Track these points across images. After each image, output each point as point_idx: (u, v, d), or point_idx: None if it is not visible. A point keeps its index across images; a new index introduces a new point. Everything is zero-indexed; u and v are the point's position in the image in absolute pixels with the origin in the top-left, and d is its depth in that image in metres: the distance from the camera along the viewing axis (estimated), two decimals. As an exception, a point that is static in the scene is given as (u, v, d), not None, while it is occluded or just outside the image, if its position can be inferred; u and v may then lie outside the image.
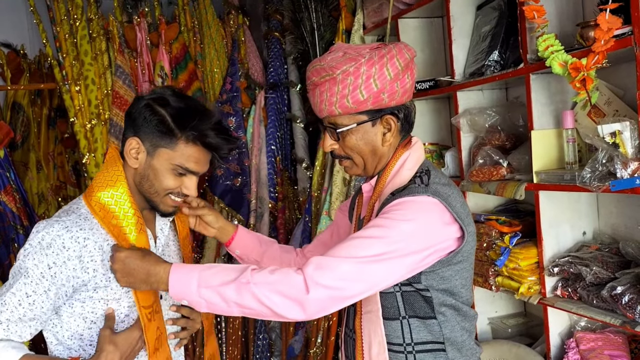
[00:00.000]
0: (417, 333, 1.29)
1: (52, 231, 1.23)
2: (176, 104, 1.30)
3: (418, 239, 1.21)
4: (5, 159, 2.48)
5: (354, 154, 1.34)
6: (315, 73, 1.32)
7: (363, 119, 1.31)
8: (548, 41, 1.68)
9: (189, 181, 1.33)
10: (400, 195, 1.25)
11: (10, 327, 1.22)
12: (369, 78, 1.27)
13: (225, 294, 1.17)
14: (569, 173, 1.71)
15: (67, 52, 3.04)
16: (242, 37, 3.38)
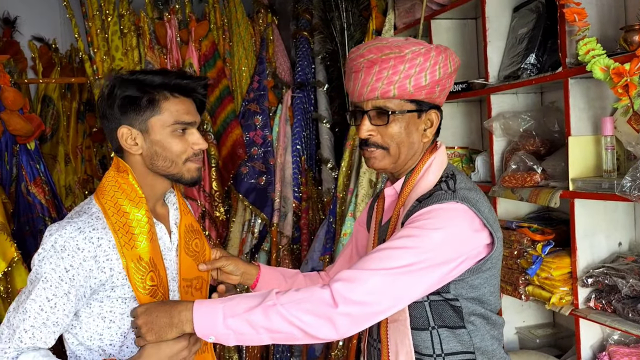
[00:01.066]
0: (447, 343, 1.24)
1: (65, 233, 1.22)
2: (134, 76, 1.31)
3: (449, 247, 1.18)
4: (35, 151, 2.51)
5: (392, 144, 1.28)
6: (375, 50, 1.25)
7: (412, 107, 1.27)
8: (589, 45, 1.64)
9: (193, 136, 1.32)
10: (427, 203, 1.21)
11: (36, 334, 1.22)
12: (435, 64, 1.25)
13: (253, 321, 1.13)
14: (607, 181, 1.66)
15: (98, 47, 3.07)
16: (271, 36, 3.38)
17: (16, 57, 3.79)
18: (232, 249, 3.20)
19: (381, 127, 1.28)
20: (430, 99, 1.28)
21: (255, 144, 3.23)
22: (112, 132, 1.32)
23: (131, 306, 1.27)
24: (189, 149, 1.32)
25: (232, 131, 3.20)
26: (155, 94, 1.29)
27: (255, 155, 3.22)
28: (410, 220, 1.21)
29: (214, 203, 3.17)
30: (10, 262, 2.11)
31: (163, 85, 1.29)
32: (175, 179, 1.34)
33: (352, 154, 2.85)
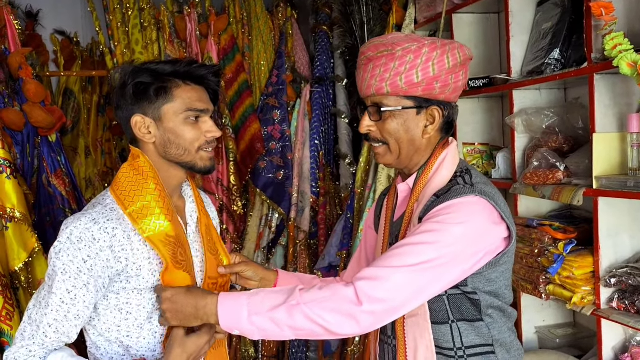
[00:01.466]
0: (467, 337, 1.25)
1: (80, 225, 1.23)
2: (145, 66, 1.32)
3: (470, 241, 1.18)
4: (57, 143, 2.53)
5: (391, 140, 1.29)
6: (372, 48, 1.27)
7: (409, 104, 1.27)
8: (616, 40, 1.60)
9: (206, 124, 1.33)
10: (446, 198, 1.21)
11: (59, 328, 1.23)
12: (428, 60, 1.23)
13: (277, 318, 1.14)
14: (632, 180, 1.62)
15: (118, 40, 3.09)
16: (290, 30, 3.37)
17: (38, 50, 3.83)
18: (249, 243, 3.21)
19: (379, 123, 1.29)
20: (429, 95, 1.26)
21: (274, 139, 3.23)
22: (126, 121, 1.33)
23: (147, 298, 1.28)
24: (202, 137, 1.32)
25: (250, 125, 3.20)
26: (167, 82, 1.30)
27: (274, 149, 3.22)
28: (430, 215, 1.20)
29: (231, 197, 3.18)
30: (31, 253, 2.14)
31: (174, 73, 1.30)
32: (188, 167, 1.35)
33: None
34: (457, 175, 1.27)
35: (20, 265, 2.11)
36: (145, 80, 1.29)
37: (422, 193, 1.28)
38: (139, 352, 1.30)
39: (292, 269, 3.22)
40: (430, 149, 1.32)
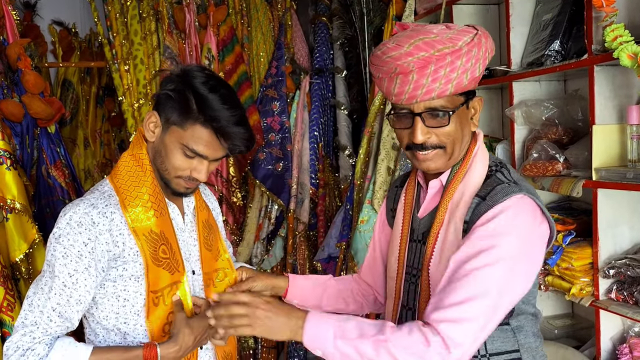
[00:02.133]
0: (492, 343, 1.19)
1: (79, 210, 1.25)
2: (197, 82, 1.27)
3: (533, 247, 1.14)
4: (56, 134, 2.53)
5: (449, 142, 1.19)
6: (424, 47, 1.12)
7: (462, 100, 1.19)
8: (617, 31, 1.60)
9: (200, 165, 1.30)
10: (494, 200, 1.13)
11: (62, 312, 1.23)
12: (486, 51, 1.17)
13: (362, 349, 1.09)
14: (632, 171, 1.63)
15: (117, 31, 3.07)
16: (289, 21, 3.35)
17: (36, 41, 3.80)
18: (248, 234, 3.21)
19: (438, 128, 1.18)
20: (473, 86, 1.20)
21: (273, 130, 3.22)
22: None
23: (143, 284, 1.28)
24: (187, 171, 1.31)
25: (249, 117, 3.19)
26: (191, 111, 1.26)
27: (273, 141, 3.22)
28: (481, 223, 1.12)
29: (231, 189, 3.18)
30: (31, 244, 2.14)
31: (206, 112, 1.25)
32: (164, 182, 1.35)
33: (370, 141, 2.83)
34: (496, 170, 1.21)
35: (21, 256, 2.11)
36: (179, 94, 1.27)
37: (459, 190, 1.21)
38: (135, 338, 1.31)
39: (292, 260, 3.23)
40: (468, 144, 1.25)
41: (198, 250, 1.42)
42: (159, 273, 1.30)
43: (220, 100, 1.26)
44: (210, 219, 1.51)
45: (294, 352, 3.18)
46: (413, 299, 1.28)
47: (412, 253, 1.30)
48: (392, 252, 1.37)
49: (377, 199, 2.64)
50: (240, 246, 3.18)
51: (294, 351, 3.18)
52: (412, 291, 1.29)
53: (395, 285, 1.34)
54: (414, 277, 1.28)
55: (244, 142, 1.31)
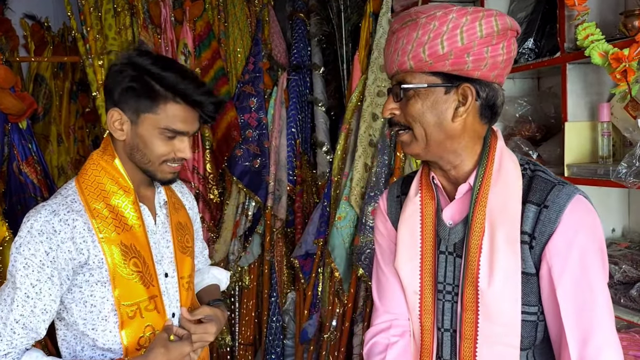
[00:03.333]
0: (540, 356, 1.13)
1: (40, 218, 1.21)
2: (149, 64, 1.25)
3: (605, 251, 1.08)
4: (27, 130, 2.48)
5: (415, 124, 1.09)
6: (398, 20, 1.10)
7: (436, 81, 1.08)
8: (588, 30, 1.63)
9: (181, 143, 1.28)
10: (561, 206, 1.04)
11: (26, 323, 1.20)
12: (455, 28, 1.03)
13: None
14: (602, 167, 1.66)
15: (91, 25, 3.02)
16: (267, 17, 3.33)
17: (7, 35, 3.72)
18: (225, 231, 3.19)
19: (402, 104, 1.11)
20: (460, 71, 1.06)
21: (250, 127, 3.21)
22: (107, 108, 1.30)
23: (110, 290, 1.25)
24: (171, 154, 1.28)
25: (226, 113, 3.17)
26: (158, 93, 1.24)
27: (250, 137, 3.20)
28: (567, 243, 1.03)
29: (207, 185, 3.16)
30: (1, 242, 2.10)
31: (170, 86, 1.24)
32: (148, 175, 1.32)
33: (348, 137, 2.84)
34: (531, 170, 1.11)
35: (-9, 254, 2.07)
36: (138, 82, 1.24)
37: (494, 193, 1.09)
38: (105, 345, 1.28)
39: (269, 257, 3.22)
40: (474, 139, 1.12)
41: (172, 251, 1.39)
42: (131, 287, 1.26)
43: (179, 75, 1.25)
44: (184, 219, 1.48)
45: (271, 349, 3.18)
46: (450, 320, 1.15)
47: (442, 266, 1.16)
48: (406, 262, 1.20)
49: (354, 196, 2.64)
50: (217, 243, 3.16)
51: (270, 348, 3.18)
52: (449, 310, 1.15)
53: (420, 302, 1.18)
54: (449, 294, 1.15)
55: (214, 107, 1.30)
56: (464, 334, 1.10)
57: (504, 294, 1.05)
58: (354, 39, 2.99)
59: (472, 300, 1.09)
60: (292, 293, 3.19)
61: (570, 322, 1.01)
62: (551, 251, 1.04)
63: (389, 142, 2.55)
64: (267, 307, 3.21)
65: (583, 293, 1.01)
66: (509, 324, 1.06)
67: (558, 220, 1.03)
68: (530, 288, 1.07)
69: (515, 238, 1.05)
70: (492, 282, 1.06)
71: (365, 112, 2.66)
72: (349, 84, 2.92)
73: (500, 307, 1.06)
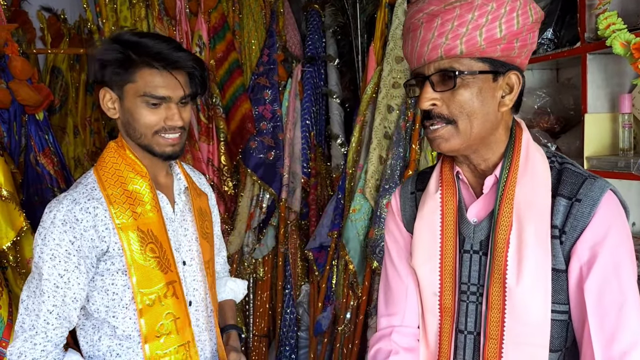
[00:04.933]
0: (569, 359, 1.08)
1: (62, 208, 1.22)
2: (123, 37, 1.27)
3: None
4: (44, 122, 2.50)
5: (461, 116, 1.01)
6: (436, 2, 1.00)
7: (485, 67, 1.00)
8: (610, 19, 1.59)
9: (169, 111, 1.27)
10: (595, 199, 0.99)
11: (60, 313, 1.22)
12: (512, 11, 0.98)
13: None
14: (623, 160, 1.63)
15: (106, 17, 3.03)
16: (281, 9, 3.32)
17: (24, 27, 3.75)
18: (240, 223, 3.20)
19: (446, 94, 1.01)
20: (507, 57, 1.01)
21: (265, 119, 3.20)
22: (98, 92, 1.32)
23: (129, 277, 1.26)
24: (160, 123, 1.27)
25: (241, 105, 3.17)
26: (133, 60, 1.25)
27: (264, 129, 3.20)
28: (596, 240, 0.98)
29: (222, 177, 3.17)
30: (19, 232, 2.12)
31: (145, 52, 1.24)
32: (147, 151, 1.31)
33: (362, 130, 2.82)
34: (559, 162, 1.07)
35: (8, 244, 2.09)
36: (113, 54, 1.25)
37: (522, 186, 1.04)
38: (124, 332, 1.29)
39: (283, 249, 3.22)
40: (505, 130, 1.08)
41: (190, 239, 1.40)
42: (149, 273, 1.27)
43: (152, 39, 1.26)
44: (205, 205, 1.49)
45: (285, 341, 3.19)
46: (474, 321, 1.10)
47: (467, 266, 1.11)
48: (425, 262, 1.15)
49: (369, 188, 2.63)
50: (232, 235, 3.17)
51: (285, 339, 3.19)
52: (471, 312, 1.10)
53: (440, 303, 1.13)
54: (473, 295, 1.10)
55: (191, 64, 1.29)
56: (489, 334, 1.05)
57: (533, 292, 1.00)
58: (369, 30, 2.96)
59: (498, 298, 1.04)
60: (306, 285, 3.19)
61: (596, 320, 0.97)
62: (582, 246, 1.00)
63: (404, 135, 2.53)
64: (281, 299, 3.22)
65: (612, 291, 0.96)
66: (538, 324, 1.01)
67: (592, 214, 0.99)
68: (561, 285, 1.02)
69: (546, 233, 1.01)
70: (520, 279, 1.01)
71: (380, 104, 2.64)
72: (364, 75, 2.90)
73: (529, 305, 1.01)
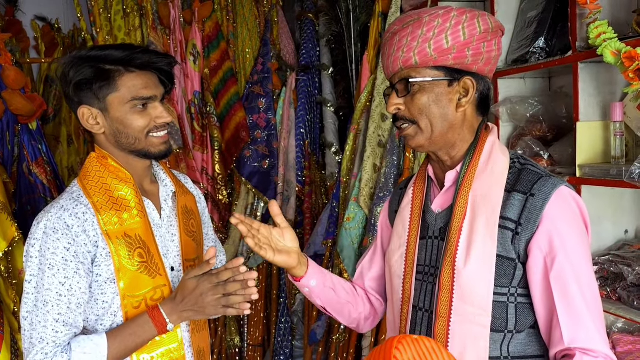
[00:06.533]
0: (516, 346, 1.14)
1: (52, 216, 1.23)
2: (87, 52, 1.29)
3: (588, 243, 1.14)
4: (37, 131, 2.49)
5: (421, 117, 1.16)
6: (397, 22, 1.19)
7: (440, 75, 1.16)
8: (600, 28, 1.61)
9: (155, 110, 1.30)
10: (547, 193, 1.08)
11: (66, 320, 1.22)
12: (457, 24, 1.14)
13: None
14: (615, 168, 1.63)
15: (101, 27, 3.03)
16: (275, 18, 3.33)
17: (18, 37, 3.75)
18: (234, 232, 3.19)
19: (408, 99, 1.17)
20: (461, 64, 1.16)
21: (259, 127, 3.20)
22: (75, 113, 1.31)
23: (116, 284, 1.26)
24: (152, 123, 1.30)
25: (235, 114, 3.17)
26: (109, 71, 1.26)
27: (259, 138, 3.20)
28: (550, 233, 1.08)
29: (216, 186, 3.16)
30: (11, 242, 2.10)
31: (117, 61, 1.26)
32: (142, 155, 1.32)
33: (357, 138, 2.82)
34: (520, 164, 1.16)
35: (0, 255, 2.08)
36: (86, 71, 1.26)
37: (479, 182, 1.15)
38: None
39: (278, 258, 3.21)
40: (469, 131, 1.19)
41: (177, 245, 1.40)
42: (137, 278, 1.27)
43: (117, 48, 1.29)
44: (191, 204, 1.48)
45: (279, 351, 3.17)
46: (429, 300, 1.19)
47: (426, 250, 1.22)
48: (396, 251, 1.28)
49: (363, 197, 2.63)
50: (227, 244, 3.16)
51: (279, 349, 3.17)
52: (428, 292, 1.20)
53: (402, 285, 1.25)
54: (430, 277, 1.20)
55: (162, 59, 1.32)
56: (439, 313, 1.15)
57: (478, 275, 1.10)
58: (363, 39, 2.97)
59: (448, 280, 1.14)
60: (300, 294, 3.18)
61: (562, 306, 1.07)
62: (542, 238, 1.09)
63: (398, 143, 2.53)
64: (276, 308, 3.20)
65: (569, 278, 1.07)
66: (481, 305, 1.10)
67: (544, 207, 1.08)
68: (504, 271, 1.11)
69: (495, 223, 1.11)
70: (468, 262, 1.12)
71: (374, 112, 2.65)
72: (358, 84, 2.91)
73: (474, 286, 1.11)
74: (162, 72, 1.34)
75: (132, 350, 1.26)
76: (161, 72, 1.33)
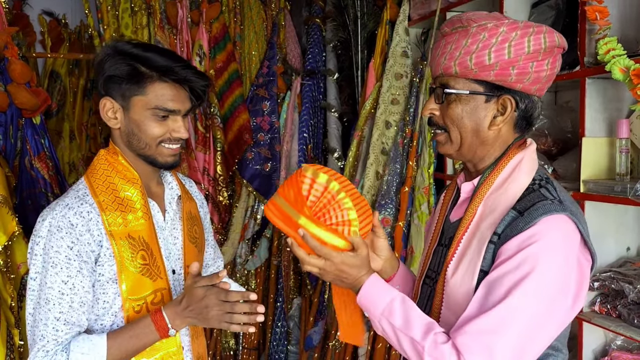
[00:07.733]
0: None
1: (57, 214, 1.22)
2: (130, 48, 1.27)
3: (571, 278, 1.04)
4: (41, 126, 2.48)
5: (452, 127, 1.15)
6: (449, 24, 1.14)
7: (478, 89, 1.12)
8: (609, 45, 1.60)
9: (175, 123, 1.29)
10: (532, 215, 1.03)
11: (68, 319, 1.21)
12: (504, 41, 1.07)
13: (400, 339, 1.07)
14: (619, 184, 1.63)
15: (108, 24, 3.04)
16: (283, 21, 3.34)
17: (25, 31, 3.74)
18: (234, 234, 3.18)
19: (443, 106, 1.16)
20: (503, 82, 1.10)
21: (262, 130, 3.20)
22: (98, 100, 1.31)
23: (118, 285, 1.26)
24: (167, 134, 1.29)
25: (239, 116, 3.17)
26: (143, 74, 1.25)
27: (262, 141, 3.20)
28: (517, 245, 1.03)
29: (217, 187, 3.15)
30: (11, 236, 2.09)
31: (155, 67, 1.26)
32: (148, 162, 1.32)
33: (360, 144, 2.82)
34: (540, 185, 1.10)
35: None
36: (122, 68, 1.25)
37: (492, 198, 1.12)
38: None
39: (276, 261, 3.21)
40: (501, 146, 1.15)
41: (179, 248, 1.40)
42: (138, 280, 1.27)
43: (160, 54, 1.27)
44: (195, 210, 1.48)
45: (274, 355, 3.16)
46: (428, 304, 1.21)
47: (436, 256, 1.24)
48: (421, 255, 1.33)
49: (365, 203, 2.62)
50: (225, 246, 3.15)
51: (274, 353, 3.16)
52: (428, 295, 1.23)
53: (414, 287, 1.30)
54: (433, 281, 1.22)
55: (200, 81, 1.31)
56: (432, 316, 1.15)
57: (460, 286, 1.11)
58: (370, 46, 2.98)
59: (441, 287, 1.16)
60: (298, 299, 3.17)
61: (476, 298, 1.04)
62: (505, 247, 1.05)
63: (401, 151, 2.53)
64: (272, 312, 3.19)
65: (496, 294, 1.02)
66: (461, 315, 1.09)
67: (524, 228, 1.03)
68: None
69: (486, 239, 1.09)
70: (455, 273, 1.12)
71: (378, 119, 2.64)
72: (363, 90, 2.91)
73: (456, 297, 1.11)
74: (194, 89, 1.33)
75: (132, 353, 1.25)
76: (193, 89, 1.33)
